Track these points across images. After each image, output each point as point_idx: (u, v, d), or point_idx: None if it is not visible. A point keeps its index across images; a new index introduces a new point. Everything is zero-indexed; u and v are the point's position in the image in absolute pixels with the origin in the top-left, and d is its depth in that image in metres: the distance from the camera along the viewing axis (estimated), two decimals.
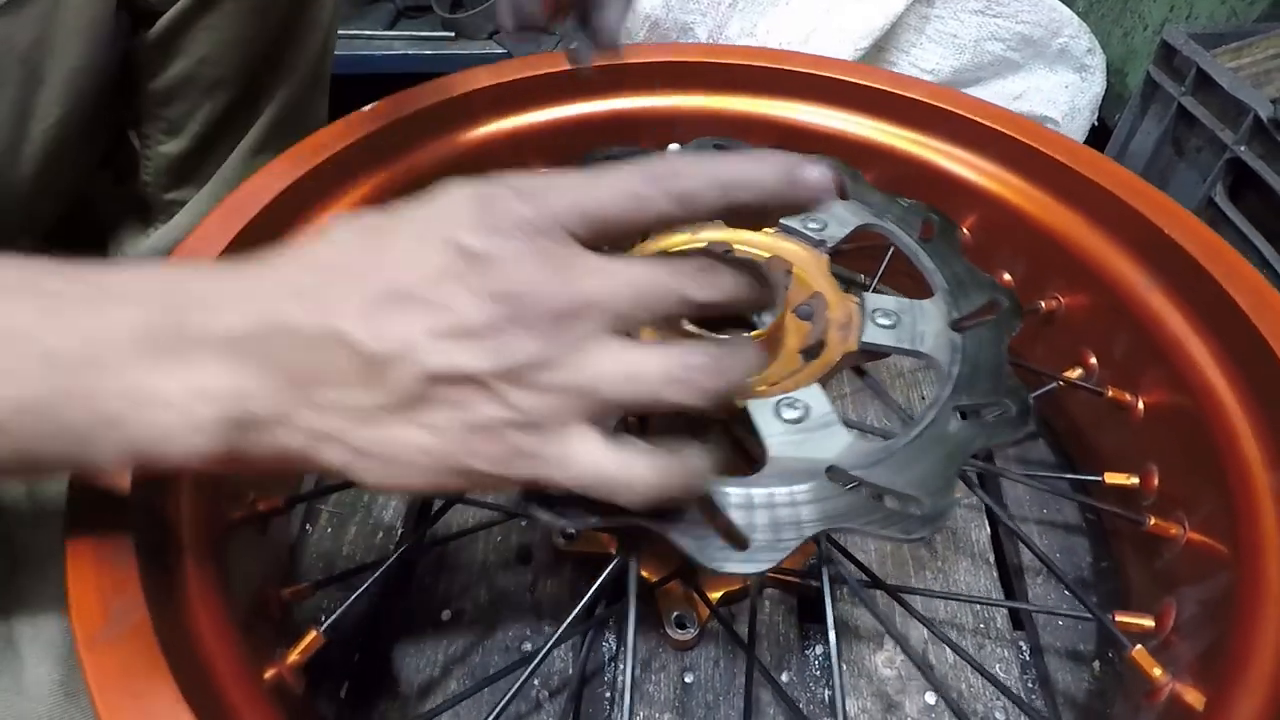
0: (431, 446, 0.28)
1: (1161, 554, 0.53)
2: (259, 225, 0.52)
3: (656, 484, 0.29)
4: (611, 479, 0.29)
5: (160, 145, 0.73)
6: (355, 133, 0.61)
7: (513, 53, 1.23)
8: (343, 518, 0.64)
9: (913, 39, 1.11)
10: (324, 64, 0.78)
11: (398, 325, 0.27)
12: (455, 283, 0.28)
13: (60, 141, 0.60)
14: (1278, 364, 0.46)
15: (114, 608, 0.32)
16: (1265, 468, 0.46)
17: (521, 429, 0.28)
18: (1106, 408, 0.59)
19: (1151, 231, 0.55)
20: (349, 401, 0.28)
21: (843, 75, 0.70)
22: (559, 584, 0.60)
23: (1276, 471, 0.45)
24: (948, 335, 0.42)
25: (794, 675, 0.56)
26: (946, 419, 0.38)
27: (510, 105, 0.69)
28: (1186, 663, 0.45)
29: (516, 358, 0.27)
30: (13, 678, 0.35)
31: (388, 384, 0.28)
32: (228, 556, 0.43)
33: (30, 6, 0.55)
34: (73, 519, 0.36)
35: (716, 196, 0.29)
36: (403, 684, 0.54)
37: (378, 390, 0.28)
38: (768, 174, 0.29)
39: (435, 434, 0.28)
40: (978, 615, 0.59)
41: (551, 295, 0.28)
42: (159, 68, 0.69)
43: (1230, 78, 0.85)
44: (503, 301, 0.27)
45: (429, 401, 0.28)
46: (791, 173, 0.29)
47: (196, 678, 0.34)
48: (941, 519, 0.34)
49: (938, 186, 0.67)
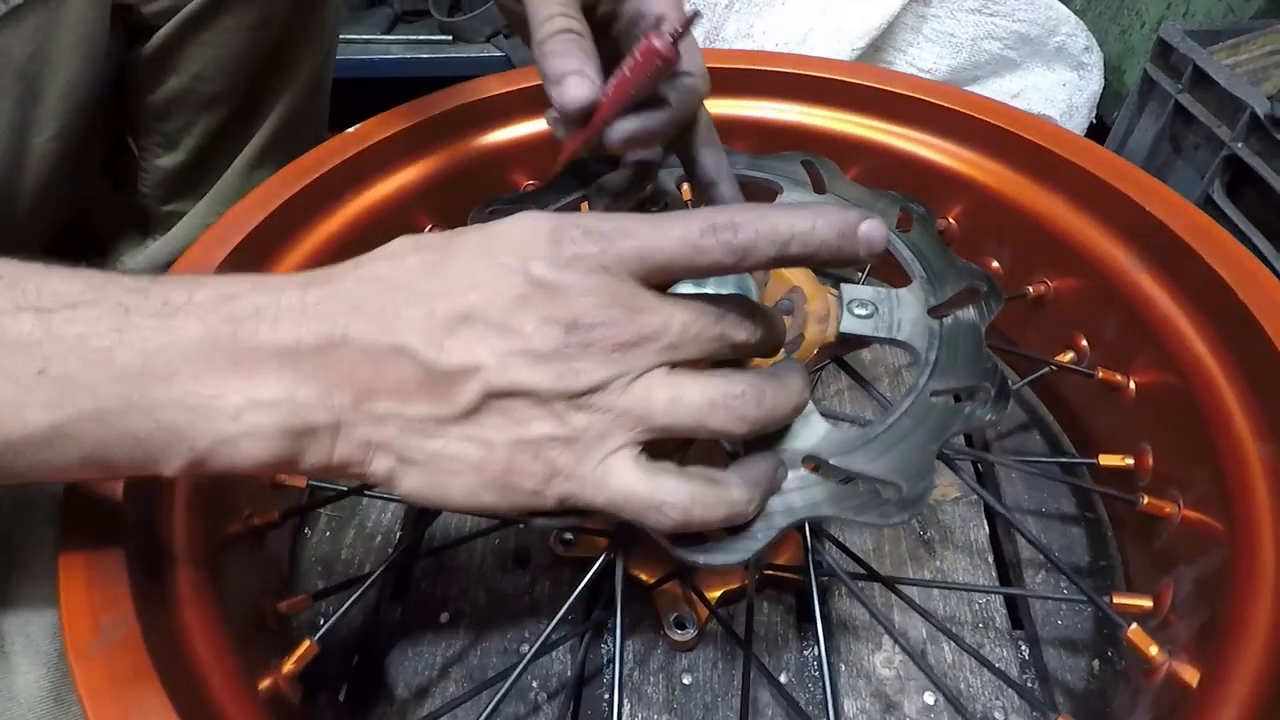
0: (478, 460, 0.30)
1: (1158, 534, 0.53)
2: (250, 245, 0.53)
3: (686, 510, 0.30)
4: (644, 502, 0.30)
5: (158, 158, 0.74)
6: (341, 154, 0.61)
7: (511, 58, 1.23)
8: (341, 521, 0.64)
9: (910, 38, 1.11)
10: (324, 77, 0.79)
11: (466, 344, 0.29)
12: (524, 309, 0.29)
13: (60, 153, 0.61)
14: (1266, 339, 0.46)
15: (105, 620, 0.33)
16: (1256, 441, 0.46)
17: (566, 447, 0.30)
18: (1099, 390, 0.60)
19: (1137, 212, 0.56)
20: (407, 412, 0.30)
21: (822, 73, 0.70)
22: (557, 587, 0.60)
23: (1267, 445, 0.46)
24: (925, 322, 0.42)
25: (792, 676, 0.56)
26: (924, 404, 0.38)
27: (497, 119, 0.69)
28: (1183, 641, 0.45)
29: (579, 382, 0.29)
30: (4, 683, 0.35)
31: (450, 397, 0.29)
32: (224, 571, 0.44)
33: (27, 20, 0.55)
34: (66, 531, 0.36)
35: (772, 252, 0.30)
36: (401, 687, 0.55)
37: (439, 403, 0.29)
38: (824, 230, 0.30)
39: (484, 448, 0.30)
40: (976, 613, 0.59)
41: (615, 328, 0.29)
42: (155, 82, 0.69)
43: (1227, 75, 0.85)
44: (570, 330, 0.29)
45: (485, 414, 0.29)
46: (847, 229, 0.30)
47: (188, 689, 0.35)
48: (920, 503, 0.34)
49: (922, 178, 0.68)
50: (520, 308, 0.29)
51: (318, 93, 0.78)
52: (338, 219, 0.61)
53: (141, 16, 0.65)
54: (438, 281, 0.30)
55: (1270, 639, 0.39)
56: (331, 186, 0.60)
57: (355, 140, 0.62)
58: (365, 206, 0.63)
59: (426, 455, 0.30)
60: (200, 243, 0.53)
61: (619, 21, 0.43)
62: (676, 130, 0.43)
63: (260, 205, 0.55)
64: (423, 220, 0.67)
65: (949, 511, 0.65)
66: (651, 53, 0.36)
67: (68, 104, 0.60)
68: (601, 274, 0.30)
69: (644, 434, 0.31)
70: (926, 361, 0.40)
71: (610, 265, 0.30)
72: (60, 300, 0.28)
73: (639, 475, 0.30)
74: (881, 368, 0.77)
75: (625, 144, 0.40)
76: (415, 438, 0.30)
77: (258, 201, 0.56)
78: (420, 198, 0.66)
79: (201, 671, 0.37)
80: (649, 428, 0.30)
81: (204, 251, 0.52)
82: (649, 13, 0.41)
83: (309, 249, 0.59)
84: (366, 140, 0.62)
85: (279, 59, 0.72)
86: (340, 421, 0.29)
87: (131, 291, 0.29)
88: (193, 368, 0.28)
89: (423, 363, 0.29)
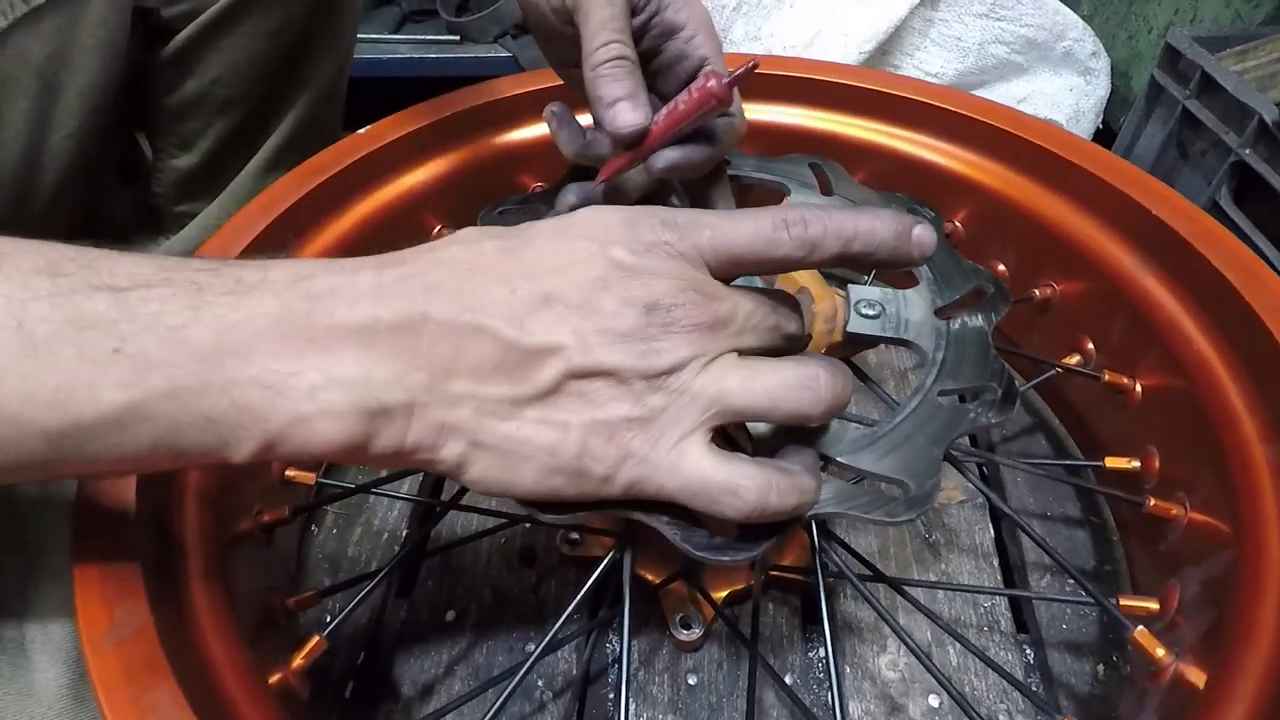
0: (552, 443, 0.30)
1: (1164, 537, 0.53)
2: (263, 243, 0.54)
3: (762, 495, 0.30)
4: (718, 488, 0.30)
5: (173, 159, 0.74)
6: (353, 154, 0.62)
7: (519, 58, 1.24)
8: (348, 519, 0.65)
9: (917, 42, 1.11)
10: (340, 82, 0.79)
11: (548, 324, 0.29)
12: (604, 290, 0.30)
13: (76, 152, 0.61)
14: (1271, 340, 0.46)
15: (118, 613, 0.33)
16: (1262, 444, 0.46)
17: (642, 429, 0.30)
18: (1105, 393, 0.60)
19: (1142, 215, 0.56)
20: (483, 393, 0.29)
21: (829, 77, 0.70)
22: (563, 586, 0.60)
23: (1274, 447, 0.46)
24: (932, 322, 0.42)
25: (797, 678, 0.56)
26: (931, 404, 0.38)
27: (508, 120, 0.69)
28: (1189, 643, 0.45)
29: (659, 361, 0.29)
30: (24, 681, 0.36)
31: (528, 377, 0.29)
32: (233, 567, 0.44)
33: (46, 20, 0.56)
34: (80, 527, 0.37)
35: (837, 248, 0.31)
36: (406, 684, 0.55)
37: (517, 383, 0.29)
38: (884, 231, 0.32)
39: (559, 430, 0.30)
40: (981, 616, 0.59)
41: (693, 309, 0.30)
42: (173, 85, 0.69)
43: (1235, 81, 0.85)
44: (649, 310, 0.30)
45: (562, 395, 0.29)
46: (903, 231, 0.32)
47: (201, 682, 0.35)
48: (927, 501, 0.34)
49: (928, 181, 0.68)
50: (600, 289, 0.29)
51: (334, 97, 0.78)
52: (349, 218, 0.61)
53: (162, 19, 0.66)
54: (516, 265, 0.30)
55: (1278, 640, 0.39)
56: (344, 186, 0.61)
57: (368, 141, 0.62)
58: (376, 206, 0.63)
59: (499, 438, 0.30)
60: (214, 239, 0.53)
61: (660, 58, 0.45)
62: (713, 165, 0.45)
63: (273, 204, 0.56)
64: (431, 220, 0.68)
65: (954, 514, 0.65)
66: (709, 93, 0.39)
67: (85, 104, 0.60)
68: (678, 260, 0.31)
69: (717, 417, 0.31)
70: (934, 362, 0.40)
71: (686, 253, 0.31)
72: (134, 280, 0.28)
73: (713, 461, 0.30)
74: (887, 370, 0.77)
75: (667, 172, 0.42)
76: (490, 419, 0.29)
77: (271, 200, 0.56)
78: (429, 198, 0.66)
79: (213, 665, 0.37)
80: (723, 409, 0.30)
81: (220, 247, 0.52)
82: (694, 54, 0.44)
83: (319, 249, 0.59)
84: (379, 141, 0.62)
85: (296, 63, 0.72)
86: (415, 402, 0.29)
87: (203, 271, 0.29)
88: (269, 345, 0.28)
89: (503, 342, 0.29)
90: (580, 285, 0.29)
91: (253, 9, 0.67)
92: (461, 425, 0.29)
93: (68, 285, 0.27)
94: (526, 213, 0.50)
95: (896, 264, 0.33)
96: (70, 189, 0.63)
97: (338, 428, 0.28)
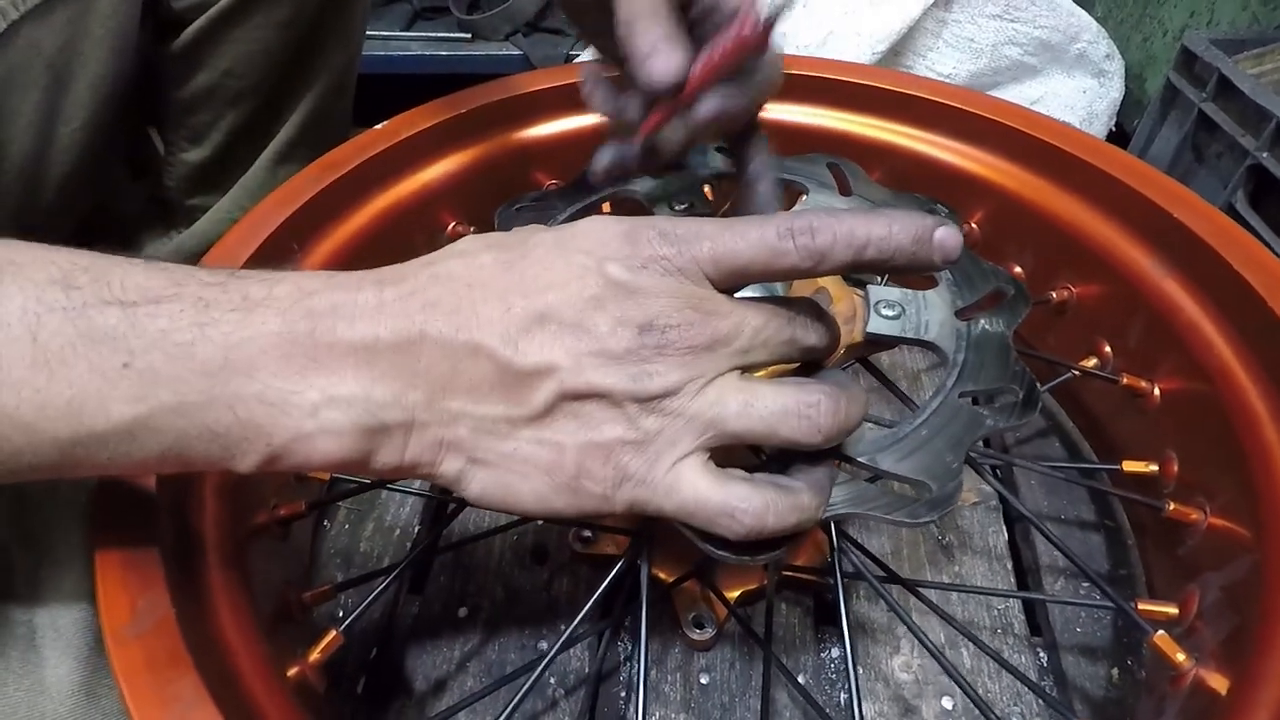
0: (549, 463, 0.30)
1: (1183, 541, 0.52)
2: (279, 239, 0.53)
3: (760, 517, 0.30)
4: (717, 509, 0.30)
5: (183, 152, 0.74)
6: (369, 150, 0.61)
7: (530, 56, 1.24)
8: (360, 514, 0.65)
9: (930, 43, 1.11)
10: (351, 74, 0.79)
11: (541, 344, 0.29)
12: (599, 310, 0.29)
13: (86, 144, 0.61)
14: None
15: (140, 604, 0.33)
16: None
17: (637, 451, 0.30)
18: (1123, 396, 0.59)
19: (1161, 216, 0.55)
20: (479, 412, 0.29)
21: (843, 76, 0.70)
22: (575, 583, 0.60)
23: None
24: (953, 324, 0.42)
25: (810, 678, 0.56)
26: (952, 405, 0.38)
27: (525, 117, 0.69)
28: (1210, 649, 0.44)
29: (653, 383, 0.29)
30: (35, 677, 0.35)
31: (523, 398, 0.29)
32: (251, 560, 0.44)
33: (57, 12, 0.55)
34: (100, 520, 0.37)
35: (848, 256, 0.30)
36: (419, 680, 0.55)
37: (512, 404, 0.29)
38: (900, 235, 0.30)
39: (555, 450, 0.30)
40: (995, 619, 0.59)
41: (689, 331, 0.30)
42: (184, 78, 0.69)
43: (1252, 84, 0.85)
44: (645, 331, 0.29)
45: (557, 416, 0.29)
46: (923, 235, 0.30)
47: (221, 674, 0.35)
48: (949, 503, 0.34)
49: (944, 182, 0.68)
50: (595, 308, 0.29)
51: (344, 90, 0.78)
52: (365, 214, 0.61)
53: (173, 12, 0.66)
54: (514, 280, 0.30)
55: None
56: (360, 182, 0.61)
57: (383, 137, 0.62)
58: (391, 202, 0.63)
59: (497, 456, 0.30)
60: (233, 233, 0.53)
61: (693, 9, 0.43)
62: (752, 115, 0.43)
63: (289, 199, 0.55)
64: (445, 217, 0.67)
65: (968, 516, 0.65)
66: (744, 37, 0.37)
67: (96, 96, 0.60)
68: (676, 276, 0.30)
69: (714, 440, 0.30)
70: (954, 363, 0.40)
71: (685, 268, 0.30)
72: (144, 294, 0.28)
73: (710, 482, 0.30)
74: (900, 371, 0.77)
75: (712, 119, 0.40)
76: (487, 438, 0.30)
77: (287, 195, 0.56)
78: (445, 195, 0.66)
79: (233, 658, 0.37)
80: (720, 433, 0.30)
81: (236, 242, 0.52)
82: (725, 3, 0.42)
83: (335, 244, 0.59)
84: (395, 137, 0.62)
85: (307, 56, 0.72)
86: (414, 420, 0.29)
87: (210, 285, 0.29)
88: (272, 363, 0.28)
89: (498, 362, 0.29)
90: (575, 303, 0.29)
91: (263, 1, 0.67)
92: (459, 443, 0.30)
93: (80, 299, 0.28)
94: (543, 210, 0.50)
95: (916, 270, 0.32)
96: (80, 181, 0.63)
97: (338, 444, 0.29)
